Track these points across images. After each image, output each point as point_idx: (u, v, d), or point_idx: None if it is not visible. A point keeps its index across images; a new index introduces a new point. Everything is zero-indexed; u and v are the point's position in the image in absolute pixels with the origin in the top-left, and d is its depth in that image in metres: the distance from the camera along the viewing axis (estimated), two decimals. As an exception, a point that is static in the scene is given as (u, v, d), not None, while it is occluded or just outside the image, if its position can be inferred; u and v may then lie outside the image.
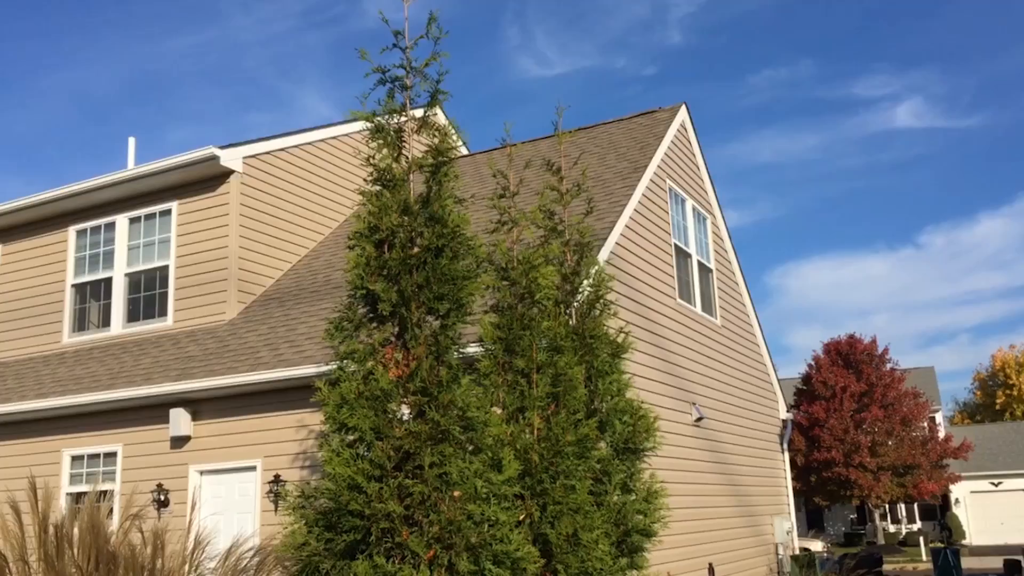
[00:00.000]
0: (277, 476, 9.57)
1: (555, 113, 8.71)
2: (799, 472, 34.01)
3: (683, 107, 13.59)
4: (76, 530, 5.09)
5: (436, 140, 6.39)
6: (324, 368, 8.98)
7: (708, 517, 11.52)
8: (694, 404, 11.75)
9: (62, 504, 10.29)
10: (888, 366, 36.58)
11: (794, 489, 17.12)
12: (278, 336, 10.46)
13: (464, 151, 14.63)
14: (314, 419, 9.57)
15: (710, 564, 8.38)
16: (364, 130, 14.31)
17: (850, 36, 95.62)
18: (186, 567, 5.19)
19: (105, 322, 12.20)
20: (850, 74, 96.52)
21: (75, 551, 4.97)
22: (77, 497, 10.50)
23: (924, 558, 30.42)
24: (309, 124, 17.19)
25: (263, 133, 12.83)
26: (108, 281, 12.22)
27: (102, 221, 12.37)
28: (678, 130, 13.28)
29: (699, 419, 11.74)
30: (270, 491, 9.57)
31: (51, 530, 4.99)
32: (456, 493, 5.54)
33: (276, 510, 9.51)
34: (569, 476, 6.67)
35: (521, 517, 6.41)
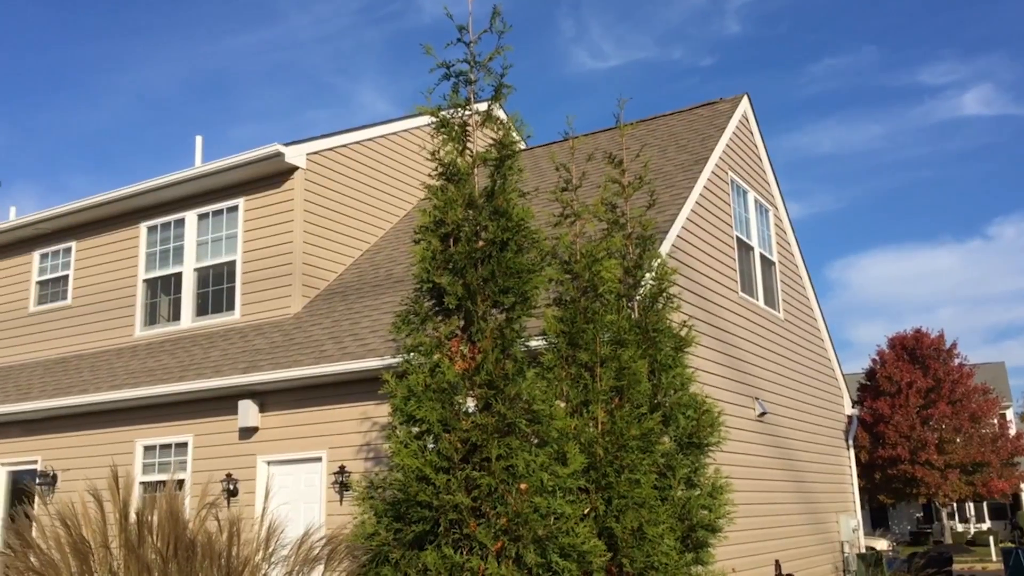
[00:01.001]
0: (342, 467, 9.73)
1: (612, 106, 8.77)
2: (862, 469, 33.30)
3: (745, 98, 13.39)
4: (155, 518, 5.24)
5: (500, 134, 6.42)
6: (387, 361, 9.11)
7: (772, 514, 11.36)
8: (757, 399, 11.59)
9: (135, 493, 10.62)
10: (956, 361, 35.58)
11: (858, 486, 16.77)
12: (342, 329, 10.62)
13: (521, 145, 14.66)
14: (378, 411, 9.70)
15: (776, 561, 8.27)
16: (427, 125, 14.42)
17: (914, 22, 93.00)
18: (260, 554, 5.31)
19: (175, 316, 12.53)
20: (914, 61, 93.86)
21: (155, 538, 5.12)
22: (150, 486, 10.82)
23: (994, 558, 29.55)
24: (366, 120, 17.39)
25: (322, 130, 13.05)
26: (178, 276, 12.55)
27: (172, 218, 12.71)
28: (740, 121, 13.09)
29: (762, 414, 11.58)
30: (335, 482, 9.74)
31: (132, 517, 5.16)
32: (522, 486, 5.57)
33: (341, 501, 9.67)
34: (634, 470, 6.65)
35: (586, 511, 6.42)
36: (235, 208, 12.26)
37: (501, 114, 6.87)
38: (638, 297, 8.05)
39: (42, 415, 12.04)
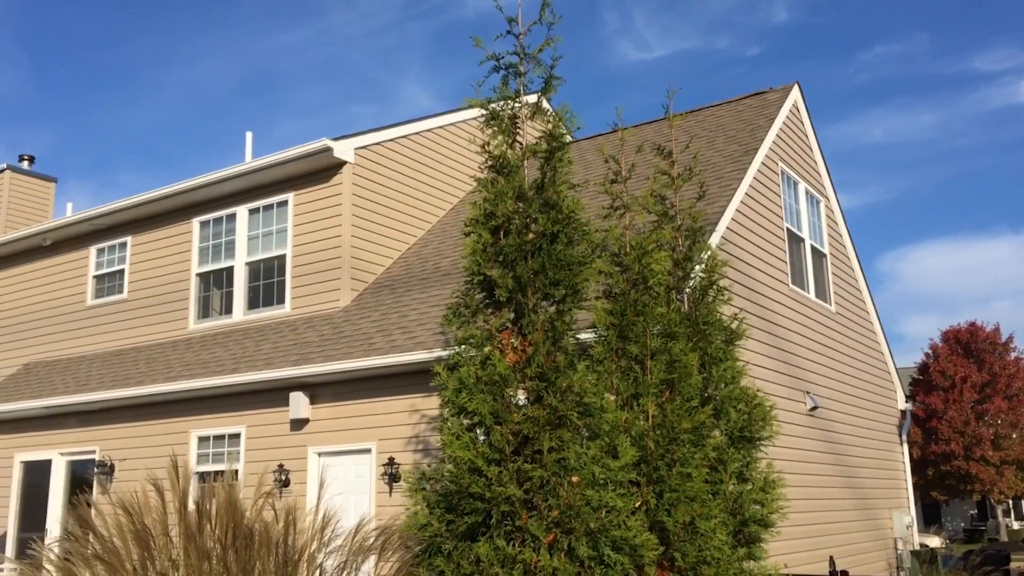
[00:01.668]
0: (391, 459, 9.82)
1: (657, 98, 8.77)
2: (915, 465, 32.63)
3: (795, 87, 13.17)
4: (213, 507, 5.35)
5: (550, 126, 6.40)
6: (436, 354, 9.16)
7: (824, 509, 11.20)
8: (808, 393, 11.42)
9: (192, 482, 10.82)
10: (1013, 355, 34.67)
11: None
12: (390, 322, 10.71)
13: (568, 138, 14.59)
14: (426, 404, 9.77)
15: (831, 557, 8.15)
16: (474, 119, 14.47)
17: (967, 7, 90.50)
18: (315, 543, 5.38)
19: (227, 309, 12.75)
20: (968, 47, 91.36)
21: (213, 527, 5.22)
22: (204, 476, 11.04)
23: (1053, 558, 28.76)
24: (410, 115, 17.44)
25: (366, 125, 13.17)
26: (230, 270, 12.76)
27: (223, 212, 12.92)
28: (790, 110, 12.88)
29: (814, 408, 11.41)
30: (384, 473, 9.83)
31: (191, 506, 5.26)
32: (574, 478, 5.56)
33: (391, 492, 9.76)
34: (685, 464, 6.60)
35: (637, 504, 6.39)
36: (285, 203, 12.42)
37: (550, 106, 6.86)
38: (688, 290, 7.98)
39: (100, 406, 12.35)
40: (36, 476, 13.34)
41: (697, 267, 8.04)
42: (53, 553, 5.56)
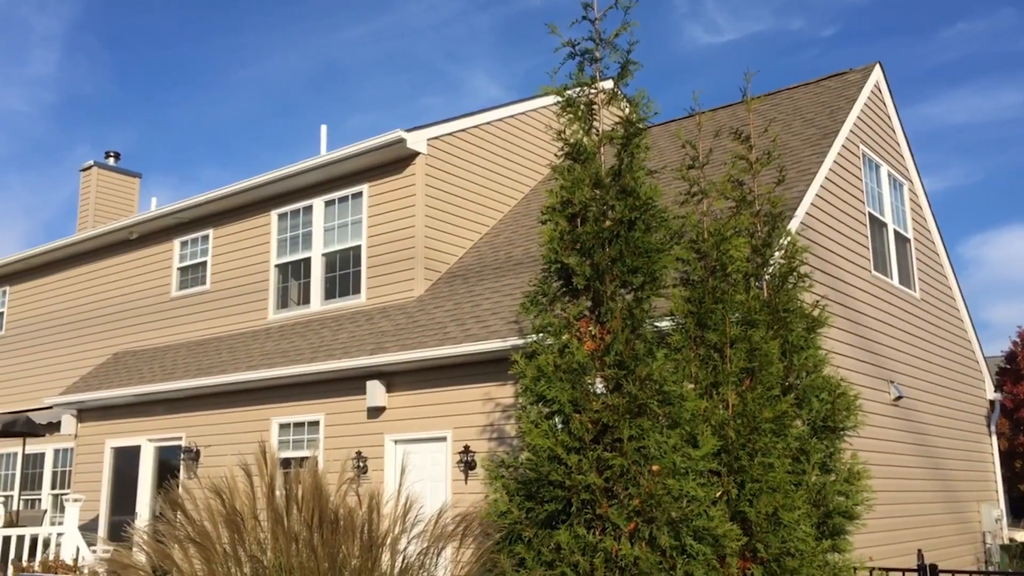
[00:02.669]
0: (467, 447, 9.90)
1: (729, 82, 8.69)
2: (1003, 457, 31.38)
3: (877, 67, 12.75)
4: (299, 491, 5.47)
5: (626, 111, 6.33)
6: (510, 342, 9.19)
7: (910, 502, 10.88)
8: (892, 382, 11.10)
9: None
10: (1109, 343, 33.02)
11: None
12: (463, 312, 10.78)
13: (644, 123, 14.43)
14: (500, 392, 9.81)
15: (919, 551, 7.91)
16: (546, 107, 14.42)
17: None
18: (397, 527, 5.46)
19: (305, 299, 13.02)
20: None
21: (300, 510, 5.34)
22: (285, 462, 11.31)
23: None
24: (478, 105, 17.52)
25: (435, 116, 13.25)
26: (307, 261, 13.02)
27: (300, 205, 13.18)
28: (872, 91, 12.48)
29: (898, 398, 11.08)
30: (460, 461, 9.91)
31: (279, 491, 5.39)
32: (654, 467, 5.51)
33: (467, 480, 9.85)
34: (767, 454, 6.48)
35: (718, 494, 6.30)
36: (359, 194, 12.60)
37: (624, 92, 6.78)
38: (767, 276, 7.82)
39: (185, 394, 12.76)
40: (123, 462, 13.87)
41: (776, 253, 7.86)
42: (146, 536, 5.76)
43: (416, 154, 12.06)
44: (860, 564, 7.37)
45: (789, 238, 8.01)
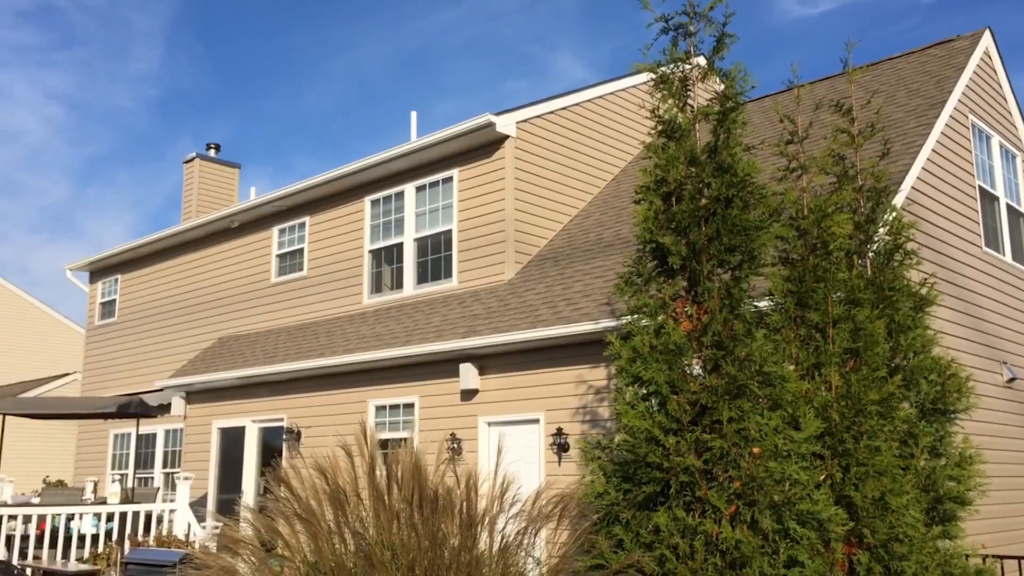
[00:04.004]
0: (559, 429, 9.91)
1: (825, 55, 8.47)
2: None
3: (987, 32, 12.09)
4: (399, 471, 5.57)
5: (720, 87, 6.18)
6: (602, 325, 9.14)
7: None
8: (1005, 363, 10.57)
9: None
10: None
11: None
12: (554, 294, 10.77)
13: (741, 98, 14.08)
14: (592, 375, 9.78)
15: (1038, 539, 7.54)
16: (636, 86, 14.23)
17: None
18: (495, 507, 5.50)
19: (398, 284, 13.24)
20: None
21: (400, 489, 5.44)
22: (384, 443, 11.56)
23: None
24: (563, 88, 17.37)
25: (521, 100, 13.21)
26: (399, 246, 13.23)
27: (392, 191, 13.38)
28: (981, 59, 11.85)
29: (1011, 379, 10.55)
30: (553, 443, 9.93)
31: (379, 470, 5.51)
32: (755, 449, 5.40)
33: (560, 461, 9.86)
34: (873, 437, 6.27)
35: (821, 477, 6.13)
36: (450, 179, 12.70)
37: (718, 66, 6.60)
38: (871, 254, 7.53)
39: (285, 377, 13.17)
40: (229, 442, 14.43)
41: (881, 230, 7.56)
42: (254, 512, 5.97)
43: (505, 137, 12.08)
44: (972, 551, 7.07)
45: (894, 214, 7.69)
